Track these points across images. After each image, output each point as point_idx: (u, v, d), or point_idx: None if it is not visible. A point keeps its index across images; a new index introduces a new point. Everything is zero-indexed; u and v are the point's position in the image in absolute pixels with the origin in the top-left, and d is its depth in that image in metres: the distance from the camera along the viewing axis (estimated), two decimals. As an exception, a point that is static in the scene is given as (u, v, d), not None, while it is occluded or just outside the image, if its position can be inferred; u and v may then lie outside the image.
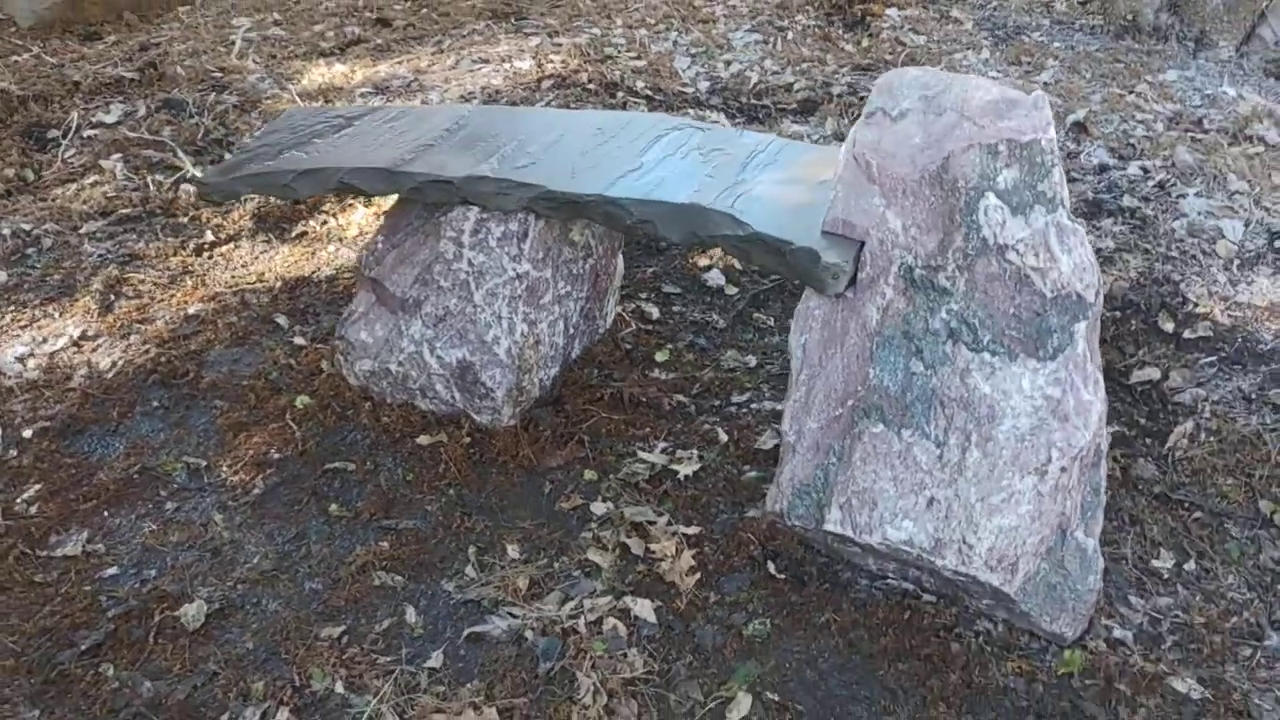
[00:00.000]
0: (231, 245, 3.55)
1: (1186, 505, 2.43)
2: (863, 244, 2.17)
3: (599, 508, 2.48)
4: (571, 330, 2.83)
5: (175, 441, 2.73)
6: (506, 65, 4.39)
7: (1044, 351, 2.04)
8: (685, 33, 4.54)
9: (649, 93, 4.09)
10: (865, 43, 4.38)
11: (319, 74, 4.61)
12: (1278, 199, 3.30)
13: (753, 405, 2.78)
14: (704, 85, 4.13)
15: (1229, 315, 2.91)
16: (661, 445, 2.65)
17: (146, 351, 3.02)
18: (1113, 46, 4.22)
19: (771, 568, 2.29)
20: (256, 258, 3.51)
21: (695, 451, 2.62)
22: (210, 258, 3.48)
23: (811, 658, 2.13)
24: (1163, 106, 3.75)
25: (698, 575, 2.29)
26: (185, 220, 3.69)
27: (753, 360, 2.94)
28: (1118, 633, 2.15)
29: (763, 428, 2.69)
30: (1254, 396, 2.68)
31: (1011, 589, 2.03)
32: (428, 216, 2.66)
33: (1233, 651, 2.12)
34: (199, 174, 3.87)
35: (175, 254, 3.49)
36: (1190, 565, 2.30)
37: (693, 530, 2.40)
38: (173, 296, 3.27)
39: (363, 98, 4.33)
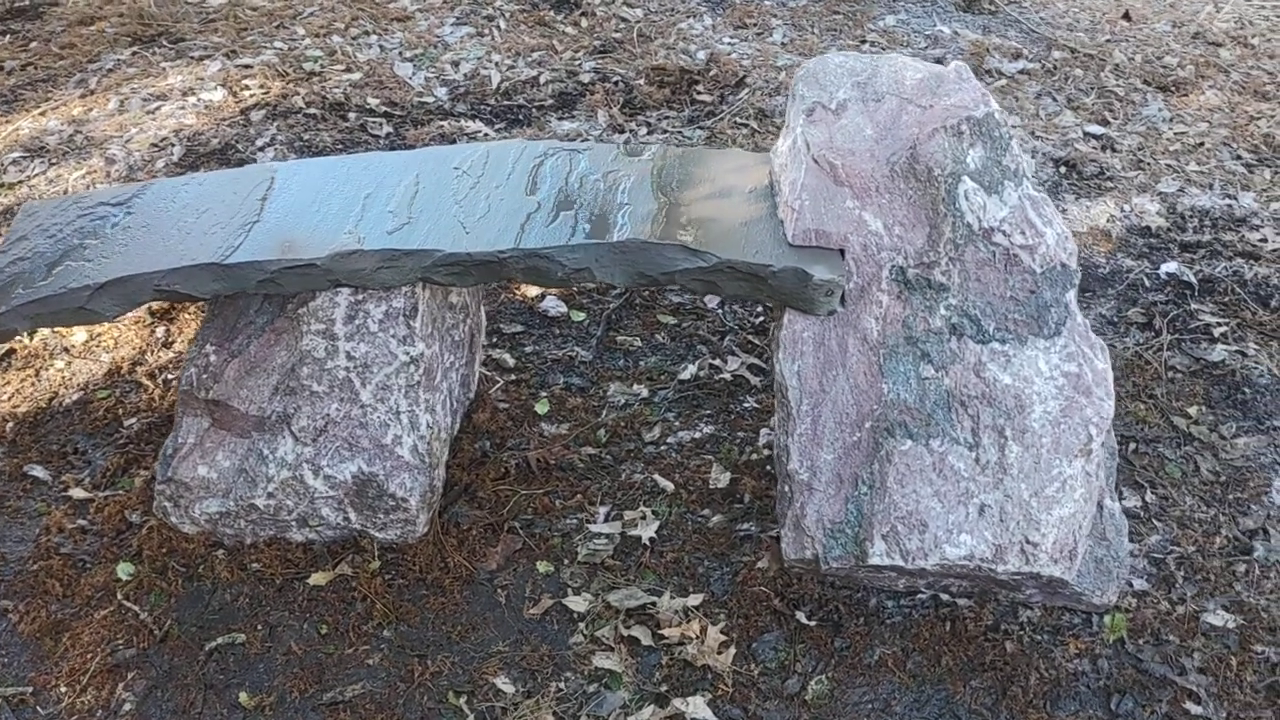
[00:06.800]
0: (-89, 389, 2.70)
1: (1119, 439, 2.51)
2: (842, 252, 1.99)
3: (576, 603, 2.14)
4: (455, 404, 2.42)
5: (-31, 673, 2.03)
6: (192, 99, 3.68)
7: (1047, 329, 1.98)
8: (386, 34, 4.06)
9: (386, 109, 3.60)
10: (584, 23, 4.15)
11: (-66, 143, 3.63)
12: (1043, 126, 3.51)
13: (669, 440, 2.53)
14: (442, 92, 3.71)
15: (1057, 246, 3.05)
16: (604, 510, 2.34)
17: None
18: (818, -1, 4.31)
19: (801, 616, 2.09)
20: (-49, 397, 2.70)
21: (644, 509, 2.33)
22: (-112, 412, 2.63)
23: (884, 702, 1.97)
24: (900, 52, 3.88)
25: (732, 649, 2.03)
26: None
27: (643, 390, 2.67)
28: (1136, 584, 2.17)
29: (695, 463, 2.45)
30: (1116, 319, 2.83)
31: (1071, 575, 1.97)
32: (275, 311, 2.13)
33: (1230, 571, 2.21)
34: None
35: None
36: (1150, 497, 2.38)
37: (695, 600, 2.13)
38: None
39: (16, 165, 3.46)
